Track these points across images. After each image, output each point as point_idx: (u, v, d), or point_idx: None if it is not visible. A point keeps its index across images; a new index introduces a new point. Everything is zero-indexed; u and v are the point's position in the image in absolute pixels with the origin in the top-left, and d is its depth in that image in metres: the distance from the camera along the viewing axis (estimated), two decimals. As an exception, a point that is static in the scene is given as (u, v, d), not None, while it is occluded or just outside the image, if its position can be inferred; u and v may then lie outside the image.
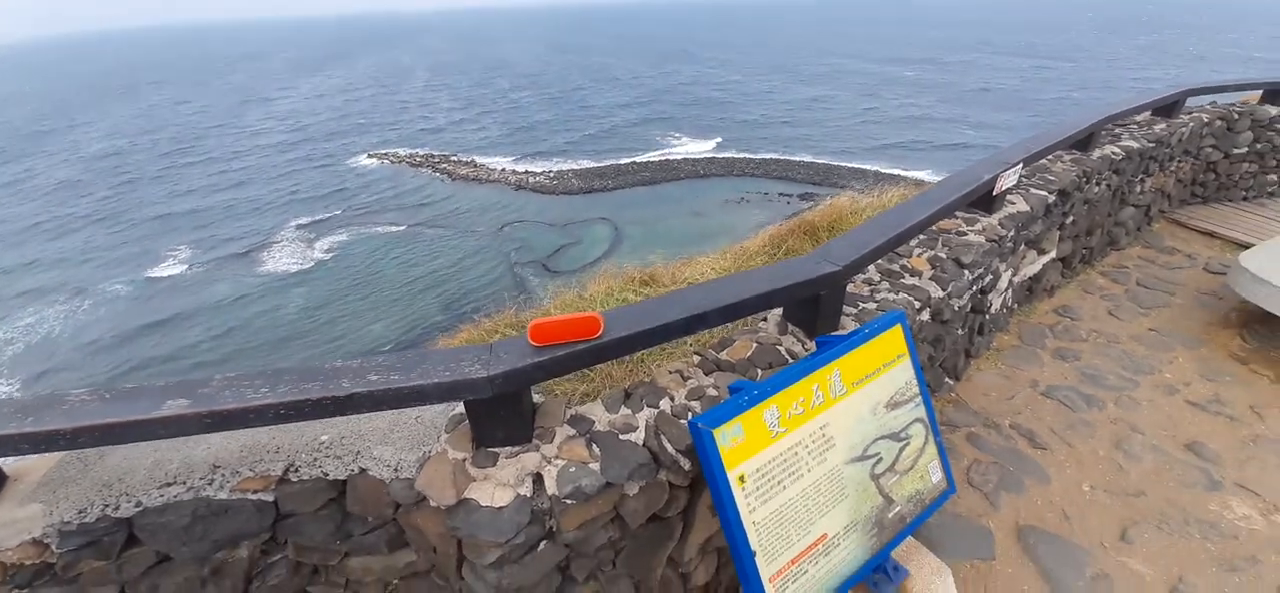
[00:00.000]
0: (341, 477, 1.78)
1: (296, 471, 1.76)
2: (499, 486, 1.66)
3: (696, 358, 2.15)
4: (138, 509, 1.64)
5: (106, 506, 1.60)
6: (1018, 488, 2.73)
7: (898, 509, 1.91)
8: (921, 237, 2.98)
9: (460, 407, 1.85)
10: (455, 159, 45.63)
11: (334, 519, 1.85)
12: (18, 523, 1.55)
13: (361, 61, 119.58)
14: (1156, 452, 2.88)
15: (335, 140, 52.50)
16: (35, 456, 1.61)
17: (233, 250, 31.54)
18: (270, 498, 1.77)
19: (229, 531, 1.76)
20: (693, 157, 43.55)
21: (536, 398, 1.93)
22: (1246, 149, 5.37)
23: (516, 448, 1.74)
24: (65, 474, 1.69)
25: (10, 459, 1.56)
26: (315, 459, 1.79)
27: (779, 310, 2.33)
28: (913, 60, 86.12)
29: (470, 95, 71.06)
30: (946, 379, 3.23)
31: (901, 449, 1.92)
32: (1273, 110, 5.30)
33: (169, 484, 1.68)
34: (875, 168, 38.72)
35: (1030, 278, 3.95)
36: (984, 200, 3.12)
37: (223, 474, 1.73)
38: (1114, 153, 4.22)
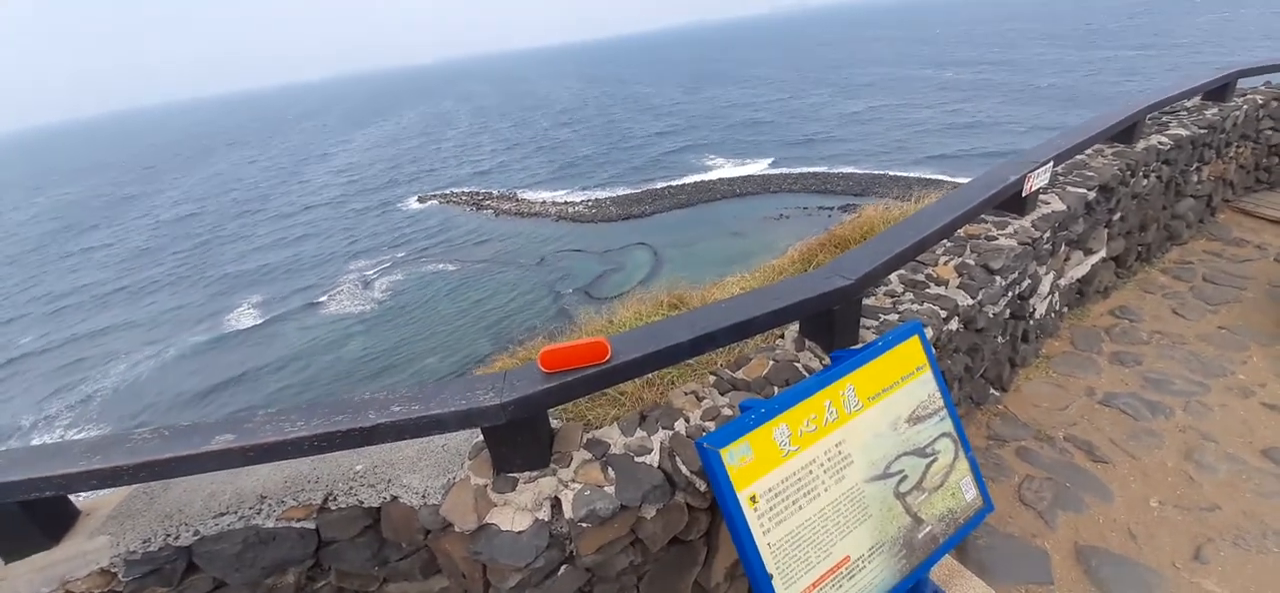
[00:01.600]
0: (375, 504, 1.88)
1: (334, 499, 1.88)
2: (518, 511, 1.72)
3: (712, 378, 2.16)
4: (196, 538, 1.78)
5: (168, 536, 1.76)
6: (1076, 506, 2.55)
7: (928, 529, 1.83)
8: (947, 243, 2.89)
9: (481, 434, 1.93)
10: (498, 195, 47.35)
11: (371, 546, 1.95)
12: (87, 555, 1.71)
13: (407, 112, 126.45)
14: (1231, 461, 2.64)
15: (387, 188, 55.47)
16: (106, 491, 1.79)
17: (298, 299, 33.62)
18: (312, 526, 1.89)
19: (277, 557, 1.88)
20: (728, 176, 43.50)
21: (556, 423, 1.99)
22: None
23: (535, 473, 1.79)
24: (132, 507, 1.86)
25: (83, 495, 1.74)
26: (351, 488, 1.90)
27: (796, 327, 2.32)
28: (963, 61, 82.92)
29: (512, 135, 73.23)
30: (992, 391, 3.08)
31: (928, 466, 1.85)
32: None
33: (222, 514, 1.83)
34: (919, 174, 37.50)
35: (1079, 279, 3.73)
36: (1014, 201, 3.00)
37: (269, 504, 1.86)
38: (1161, 142, 3.97)
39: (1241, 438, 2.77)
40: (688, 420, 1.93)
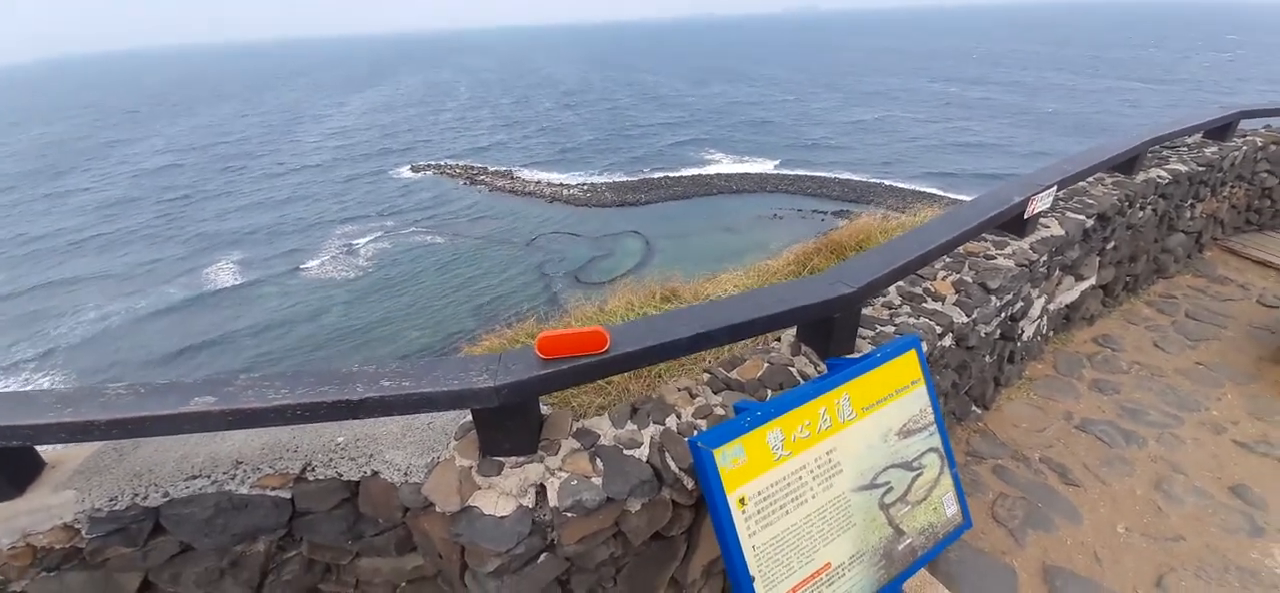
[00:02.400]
0: (355, 478, 1.84)
1: (313, 470, 1.84)
2: (502, 495, 1.69)
3: (706, 376, 2.14)
4: (165, 500, 1.73)
5: (135, 495, 1.70)
6: (1046, 526, 2.60)
7: (908, 541, 1.85)
8: (947, 259, 2.90)
9: (469, 415, 1.89)
10: (493, 171, 46.83)
11: (346, 519, 1.91)
12: (51, 509, 1.66)
13: (406, 79, 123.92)
14: (1199, 495, 2.70)
15: (380, 155, 54.46)
16: (74, 445, 1.72)
17: (280, 259, 33.03)
18: (288, 495, 1.85)
19: (248, 525, 1.84)
20: (726, 172, 43.47)
21: (546, 410, 1.96)
22: None
23: (522, 458, 1.76)
24: (100, 463, 1.80)
25: (51, 447, 1.68)
26: (331, 460, 1.85)
27: (793, 331, 2.31)
28: (970, 79, 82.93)
29: (512, 113, 71.68)
30: (974, 408, 3.11)
31: (914, 479, 1.86)
32: None
33: (195, 477, 1.77)
34: (915, 187, 37.83)
35: (1067, 305, 3.78)
36: (1015, 223, 3.02)
37: (245, 470, 1.81)
38: (1160, 176, 4.02)
39: (1211, 473, 2.83)
40: (680, 416, 1.91)
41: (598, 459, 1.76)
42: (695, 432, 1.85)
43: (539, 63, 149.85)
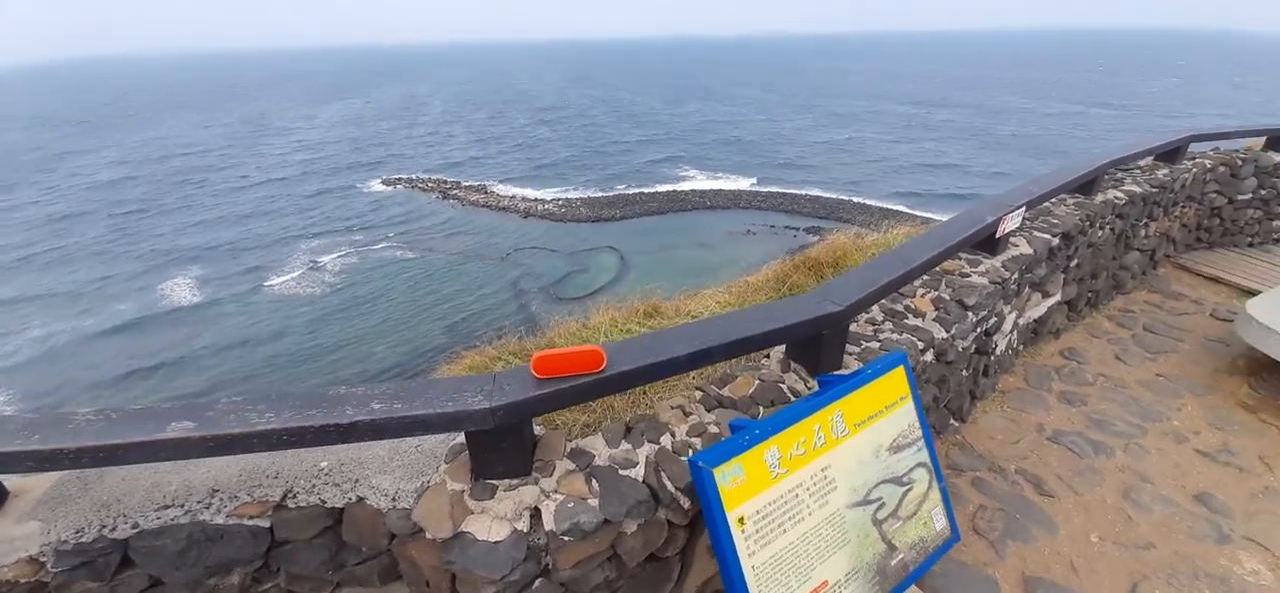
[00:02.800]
0: (339, 505, 1.77)
1: (294, 497, 1.76)
2: (496, 519, 1.65)
3: (698, 393, 2.15)
4: (134, 531, 1.63)
5: (103, 526, 1.60)
6: (1025, 537, 2.67)
7: (900, 557, 1.87)
8: (924, 277, 2.99)
9: (461, 437, 1.85)
10: (466, 185, 46.37)
11: (328, 548, 1.83)
12: (15, 541, 1.55)
13: (379, 91, 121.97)
14: (1166, 503, 2.82)
15: (349, 169, 53.25)
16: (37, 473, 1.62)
17: (241, 275, 31.87)
18: (266, 524, 1.76)
19: (223, 556, 1.75)
20: (700, 188, 44.02)
21: (537, 430, 1.93)
22: (1251, 195, 5.39)
23: (515, 481, 1.73)
24: (65, 493, 1.69)
25: (14, 476, 1.57)
26: (314, 486, 1.78)
27: (782, 348, 2.34)
28: (934, 102, 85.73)
29: (487, 128, 70.74)
30: (952, 421, 3.19)
31: (904, 494, 1.89)
32: (1276, 157, 5.33)
33: (166, 507, 1.68)
34: (883, 204, 38.99)
35: (1035, 320, 3.93)
36: (987, 242, 3.14)
37: (221, 499, 1.72)
38: (1117, 197, 4.25)
39: (1175, 482, 2.96)
40: (674, 435, 1.91)
41: (593, 480, 1.74)
42: (690, 451, 1.84)
43: (515, 78, 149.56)
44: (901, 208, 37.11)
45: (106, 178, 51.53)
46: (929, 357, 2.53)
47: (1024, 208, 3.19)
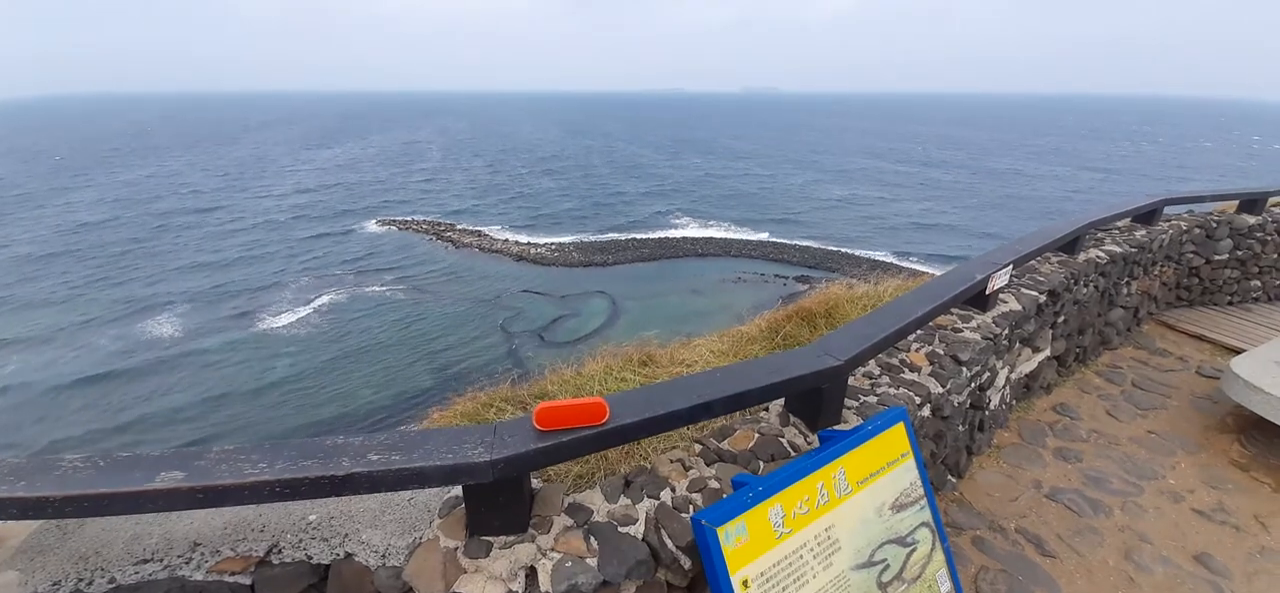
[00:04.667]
0: (326, 561, 1.71)
1: (279, 552, 1.69)
2: (490, 579, 1.59)
3: (697, 446, 2.12)
4: (111, 587, 1.56)
5: (81, 580, 1.53)
6: (1028, 599, 2.61)
7: (905, 620, 1.83)
8: (919, 331, 3.03)
9: (456, 490, 1.80)
10: (460, 228, 46.66)
11: (313, 608, 1.76)
12: (-10, 594, 1.47)
13: (378, 136, 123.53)
14: (1166, 564, 2.79)
15: (346, 208, 53.28)
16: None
17: (229, 308, 31.40)
18: (247, 581, 1.69)
19: (201, 615, 1.66)
20: (691, 235, 44.63)
21: (536, 484, 1.89)
22: (1227, 256, 5.58)
23: (511, 538, 1.68)
24: (42, 542, 1.62)
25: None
26: (301, 541, 1.72)
27: (781, 401, 2.33)
28: (930, 161, 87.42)
29: (487, 178, 70.52)
30: (949, 477, 3.17)
31: (908, 555, 1.86)
32: (1250, 219, 5.55)
33: (145, 561, 1.61)
34: (869, 254, 39.71)
35: (1027, 375, 3.97)
36: (978, 298, 3.20)
37: (202, 553, 1.66)
38: (1099, 256, 4.38)
39: (1174, 542, 2.94)
40: (674, 490, 1.88)
41: (592, 538, 1.69)
42: (691, 507, 1.81)
43: (515, 127, 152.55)
44: (890, 259, 37.82)
45: (95, 217, 50.10)
46: (926, 411, 2.54)
47: (1011, 265, 3.28)
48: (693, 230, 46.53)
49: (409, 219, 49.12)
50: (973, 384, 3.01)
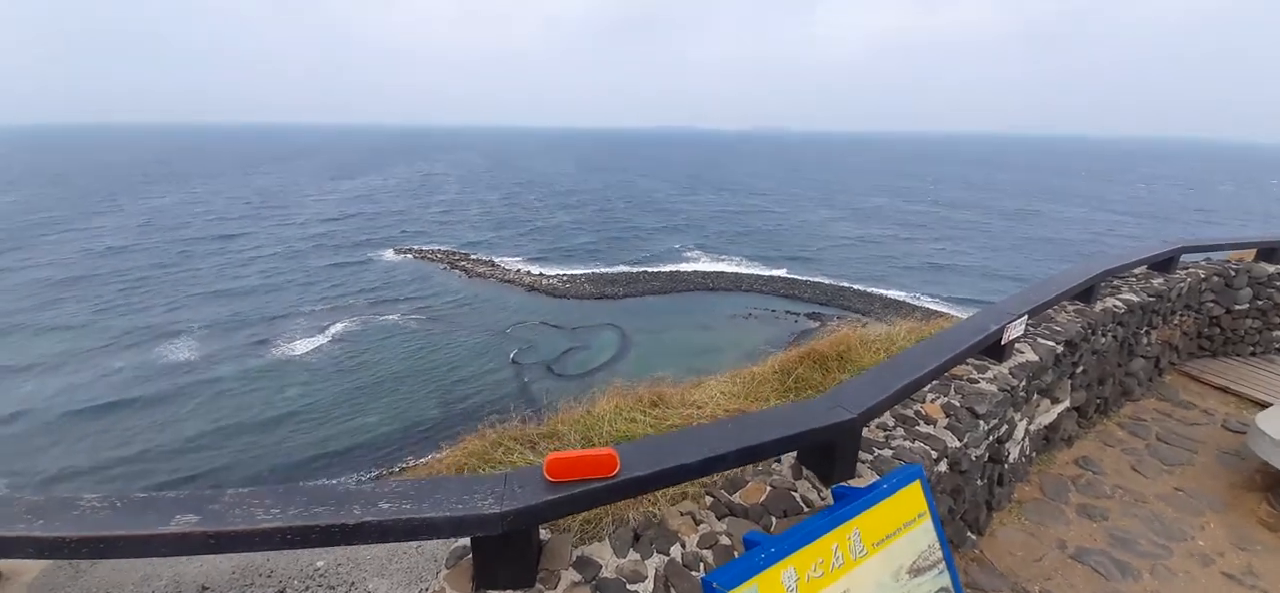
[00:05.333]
0: (332, 609, 1.69)
1: (286, 599, 1.69)
2: (498, 635, 1.57)
3: (708, 498, 2.09)
4: (117, 632, 1.55)
5: (88, 625, 1.53)
6: (1056, 667, 2.50)
7: (924, 691, 1.75)
8: (934, 382, 2.99)
9: (464, 540, 1.79)
10: (474, 257, 47.26)
11: (317, 656, 1.73)
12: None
13: (397, 169, 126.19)
14: (1200, 634, 2.66)
15: (364, 238, 54.14)
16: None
17: (246, 335, 31.81)
18: (254, 628, 1.68)
19: (205, 663, 1.65)
20: (703, 269, 44.71)
21: (545, 534, 1.87)
22: (1248, 305, 5.46)
23: None
24: (55, 580, 1.63)
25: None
26: (308, 587, 1.71)
27: (793, 454, 2.30)
28: (948, 202, 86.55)
29: (503, 212, 70.68)
30: (969, 534, 3.07)
31: (926, 621, 1.80)
32: (1270, 268, 5.45)
33: (154, 605, 1.61)
34: (883, 292, 39.41)
35: (1046, 426, 3.88)
36: (993, 348, 3.16)
37: (210, 597, 1.65)
38: (1116, 305, 4.31)
39: (1207, 609, 2.81)
40: (684, 545, 1.84)
41: (600, 594, 1.66)
42: (701, 564, 1.78)
43: (531, 161, 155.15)
44: (903, 297, 37.50)
45: (117, 244, 50.56)
46: (943, 466, 2.48)
47: (1026, 315, 3.24)
48: (704, 264, 46.64)
49: (424, 249, 49.89)
50: (991, 437, 2.95)
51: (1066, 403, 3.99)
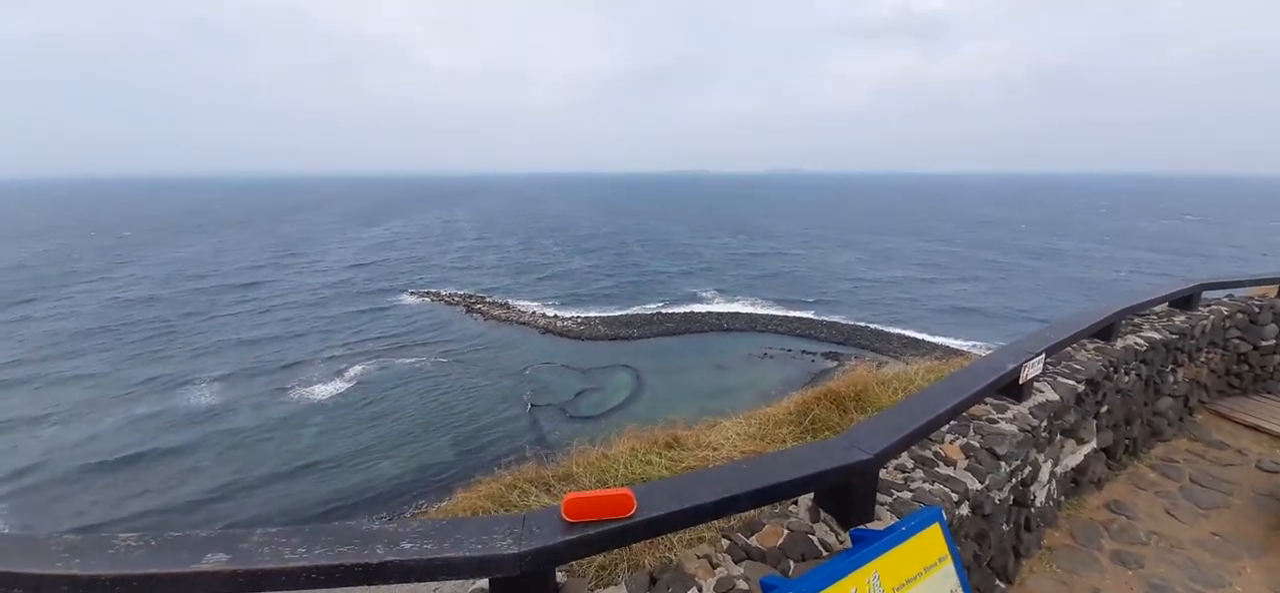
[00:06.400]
0: (352, 651, 1.70)
1: (308, 640, 1.70)
2: (515, 680, 1.57)
3: (725, 542, 2.08)
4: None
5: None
6: None
7: None
8: (952, 422, 2.96)
9: (482, 582, 1.80)
10: (489, 300, 47.83)
11: (334, 701, 1.73)
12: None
13: (417, 216, 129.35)
14: (1246, 688, 2.52)
15: (384, 283, 55.18)
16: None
17: (262, 372, 32.33)
18: (275, 669, 1.69)
19: (226, 706, 1.66)
20: (717, 310, 44.63)
21: (561, 577, 1.87)
22: (1275, 341, 5.33)
23: (536, 636, 1.66)
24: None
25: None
26: (329, 628, 1.73)
27: (811, 495, 2.29)
28: (954, 238, 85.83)
29: (521, 257, 70.85)
30: (998, 582, 2.97)
31: (951, 671, 1.75)
32: None
33: (179, 646, 1.64)
34: (897, 330, 38.86)
35: (1073, 468, 3.78)
36: (1012, 388, 3.13)
37: (233, 639, 1.67)
38: (1138, 343, 4.24)
39: (1254, 663, 2.66)
40: (701, 590, 1.83)
41: (618, 639, 1.66)
42: (719, 608, 1.76)
43: (547, 206, 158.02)
44: (919, 336, 36.89)
45: (134, 295, 51.11)
46: (964, 509, 2.44)
47: (1044, 354, 3.21)
48: (719, 305, 46.57)
49: (443, 293, 50.68)
50: (1014, 479, 2.89)
51: (1093, 444, 3.89)
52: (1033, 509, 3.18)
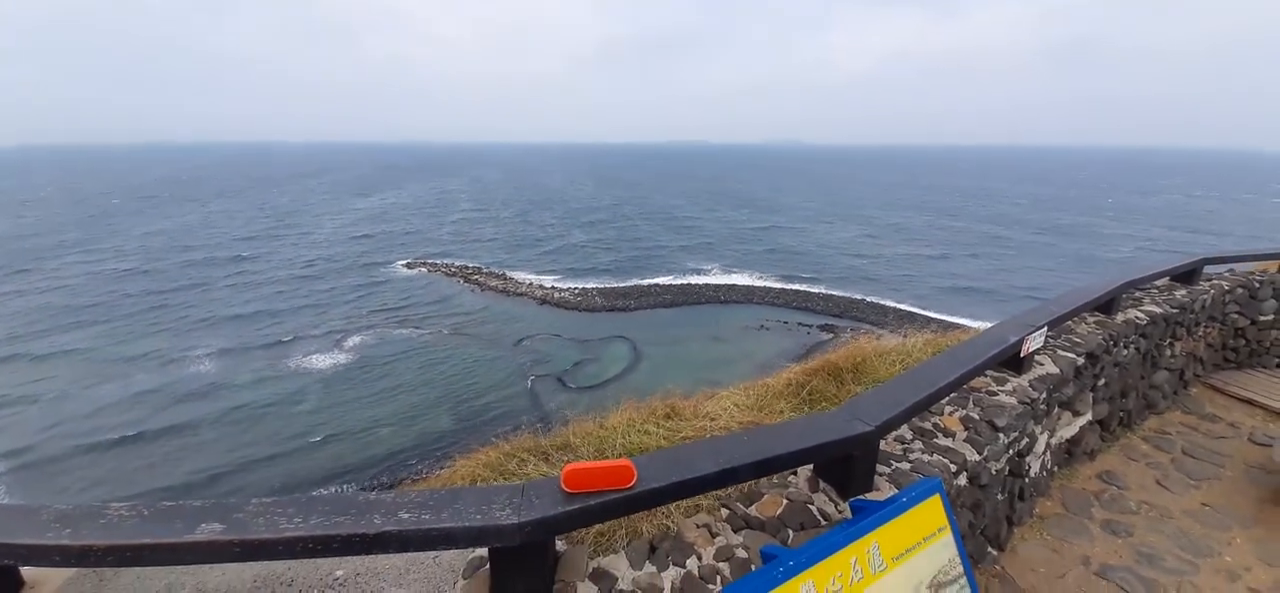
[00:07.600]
0: (351, 618, 1.71)
1: (306, 608, 1.70)
2: (515, 646, 1.57)
3: (724, 511, 2.08)
4: (143, 639, 1.58)
5: (114, 633, 1.55)
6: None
7: (947, 710, 1.72)
8: (952, 394, 2.95)
9: (481, 550, 1.80)
10: (486, 271, 47.61)
11: (335, 666, 1.74)
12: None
13: (411, 187, 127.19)
14: (1232, 654, 2.57)
15: (379, 255, 54.65)
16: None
17: (259, 344, 32.33)
18: (275, 636, 1.70)
19: (226, 671, 1.67)
20: (715, 282, 44.60)
21: (561, 546, 1.87)
22: (1273, 316, 5.34)
23: (536, 603, 1.66)
24: (80, 589, 1.66)
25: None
26: (327, 596, 1.73)
27: (810, 466, 2.28)
28: (950, 210, 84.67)
29: (521, 231, 69.42)
30: (990, 549, 3.01)
31: (947, 638, 1.76)
32: None
33: (178, 613, 1.63)
34: (893, 303, 38.98)
35: (1068, 440, 3.81)
36: (1012, 361, 3.12)
37: (232, 606, 1.67)
38: (1138, 317, 4.23)
39: (1238, 629, 2.72)
40: (700, 558, 1.84)
41: (617, 606, 1.66)
42: (717, 577, 1.77)
43: (545, 177, 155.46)
44: (915, 309, 37.04)
45: (126, 266, 50.16)
46: (962, 480, 2.45)
47: (1046, 327, 3.20)
48: (715, 277, 46.49)
49: (437, 262, 50.39)
50: (1011, 451, 2.90)
51: (1088, 416, 3.91)
52: (1027, 479, 3.20)
